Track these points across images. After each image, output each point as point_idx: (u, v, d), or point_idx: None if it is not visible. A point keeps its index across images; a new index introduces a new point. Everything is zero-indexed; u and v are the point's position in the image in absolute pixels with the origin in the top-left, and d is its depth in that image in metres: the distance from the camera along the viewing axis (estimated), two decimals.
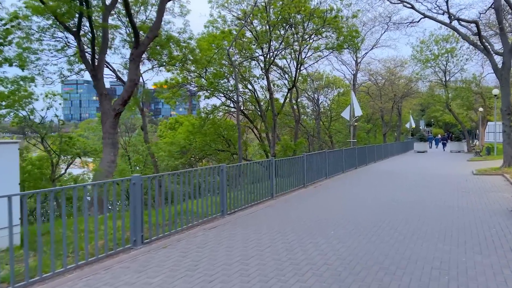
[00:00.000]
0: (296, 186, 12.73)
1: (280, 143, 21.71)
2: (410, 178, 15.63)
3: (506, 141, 16.71)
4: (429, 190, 12.20)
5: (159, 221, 6.77)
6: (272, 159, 10.90)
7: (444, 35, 35.65)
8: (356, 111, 20.73)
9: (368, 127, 50.59)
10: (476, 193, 11.47)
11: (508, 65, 16.43)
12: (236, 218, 8.23)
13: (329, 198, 11.01)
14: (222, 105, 23.99)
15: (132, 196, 6.00)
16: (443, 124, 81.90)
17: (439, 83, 39.83)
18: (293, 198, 11.03)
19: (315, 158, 14.95)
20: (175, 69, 20.34)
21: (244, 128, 24.22)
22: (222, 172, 8.39)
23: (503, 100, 16.82)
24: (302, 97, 38.30)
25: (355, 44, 22.87)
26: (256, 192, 10.15)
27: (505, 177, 14.77)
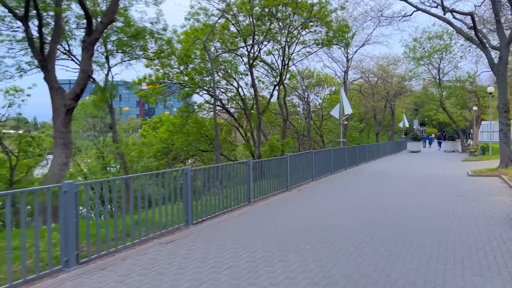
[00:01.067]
0: (278, 189, 11.79)
1: (266, 143, 20.69)
2: (402, 179, 14.74)
3: (503, 140, 15.87)
4: (422, 193, 11.30)
5: (101, 235, 5.75)
6: (249, 160, 9.93)
7: (437, 32, 34.94)
8: (346, 110, 19.82)
9: (361, 126, 49.80)
10: (473, 197, 10.58)
11: (505, 60, 15.60)
12: (202, 229, 7.24)
13: (312, 203, 10.06)
14: (206, 103, 22.96)
15: (62, 206, 4.98)
16: (437, 123, 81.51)
17: (432, 81, 39.11)
18: (273, 203, 10.07)
19: (300, 159, 14.01)
20: (154, 64, 19.30)
21: (230, 127, 23.24)
22: (187, 176, 7.40)
23: (499, 97, 15.99)
24: (292, 96, 37.47)
25: (345, 39, 21.97)
26: (231, 198, 9.19)
27: (502, 179, 13.92)
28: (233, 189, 9.49)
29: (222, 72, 20.51)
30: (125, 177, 6.44)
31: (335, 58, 31.70)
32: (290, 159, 12.64)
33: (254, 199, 10.06)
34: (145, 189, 6.91)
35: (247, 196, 9.82)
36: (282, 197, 10.99)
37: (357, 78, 37.86)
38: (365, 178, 15.75)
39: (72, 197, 5.04)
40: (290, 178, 12.68)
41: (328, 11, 19.12)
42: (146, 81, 19.81)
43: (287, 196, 11.18)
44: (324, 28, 21.29)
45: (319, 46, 22.10)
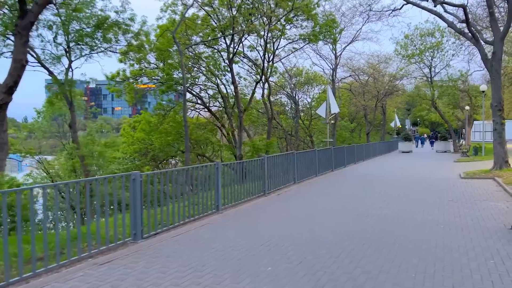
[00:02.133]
0: (254, 194, 10.81)
1: (248, 143, 19.69)
2: (390, 182, 13.84)
3: (497, 141, 15.04)
4: (410, 198, 10.39)
5: (25, 254, 4.71)
6: (218, 163, 8.93)
7: (429, 29, 34.22)
8: (332, 108, 18.93)
9: (352, 126, 49.04)
10: (465, 203, 9.68)
11: (499, 55, 14.77)
12: (151, 244, 6.23)
13: (288, 210, 9.08)
14: (191, 101, 21.86)
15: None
16: (429, 123, 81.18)
17: (424, 80, 38.42)
18: (245, 210, 9.09)
19: (281, 161, 13.05)
20: (128, 58, 18.19)
21: (213, 126, 22.22)
22: (135, 182, 6.38)
23: (493, 95, 15.17)
24: (280, 95, 36.53)
25: (333, 34, 21.04)
26: (197, 205, 8.19)
27: (497, 181, 13.07)
28: (201, 195, 8.53)
29: (202, 68, 19.47)
30: (49, 184, 5.44)
31: (323, 55, 30.75)
32: (268, 161, 11.67)
33: (224, 206, 9.08)
34: (86, 196, 5.90)
35: (216, 203, 8.83)
36: (257, 203, 10.01)
37: (346, 76, 36.97)
38: (351, 181, 14.85)
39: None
40: (268, 182, 11.73)
41: (312, 4, 18.17)
42: (119, 77, 18.72)
43: (263, 202, 10.20)
44: (310, 23, 20.37)
45: (305, 41, 21.15)
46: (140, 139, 21.47)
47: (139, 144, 21.58)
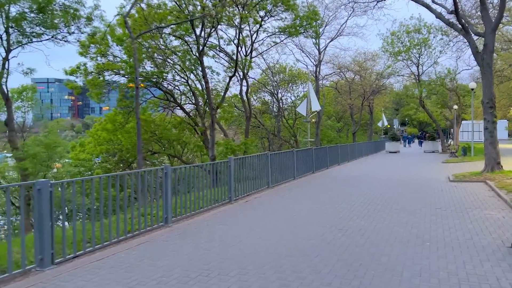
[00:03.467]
0: (217, 202, 9.53)
1: (222, 143, 18.38)
2: (372, 187, 12.65)
3: (488, 141, 13.98)
4: (393, 206, 9.19)
5: None
6: (167, 166, 7.61)
7: (415, 26, 33.33)
8: (313, 106, 17.73)
9: (339, 125, 48.08)
10: (455, 211, 8.52)
11: (490, 47, 13.71)
12: (61, 273, 4.89)
13: (249, 223, 7.80)
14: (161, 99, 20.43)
15: None
16: (418, 123, 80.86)
17: (412, 78, 37.60)
18: (199, 223, 7.78)
19: (252, 162, 11.78)
20: (87, 50, 16.70)
21: (185, 125, 20.86)
22: (40, 194, 5.03)
23: (484, 91, 14.11)
24: (264, 93, 35.33)
25: (314, 27, 19.83)
26: (137, 219, 6.88)
27: (489, 185, 11.98)
28: (150, 204, 7.27)
29: (170, 61, 18.02)
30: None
31: (306, 51, 29.51)
32: (234, 163, 10.39)
33: (176, 218, 7.78)
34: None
35: (164, 214, 7.52)
36: (217, 214, 8.71)
37: (330, 73, 35.79)
38: (330, 185, 13.62)
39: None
40: (236, 187, 10.47)
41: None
42: (80, 71, 17.22)
43: (225, 212, 8.91)
44: (291, 15, 19.14)
45: (285, 34, 19.91)
46: (108, 139, 19.94)
47: (106, 144, 20.07)
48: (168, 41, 17.65)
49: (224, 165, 10.17)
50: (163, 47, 17.55)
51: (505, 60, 24.62)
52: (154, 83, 18.05)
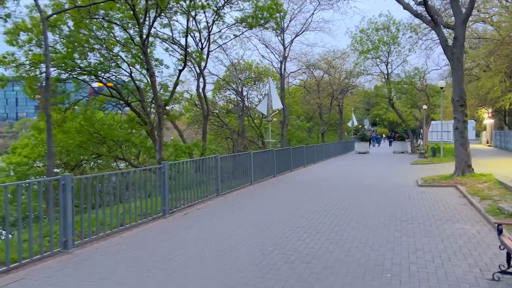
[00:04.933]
0: (149, 215, 8.02)
1: (170, 144, 16.73)
2: (332, 194, 11.39)
3: (459, 142, 13.00)
4: (352, 219, 7.91)
5: None
6: (65, 176, 6.03)
7: (384, 23, 32.68)
8: (274, 104, 16.41)
9: (308, 125, 47.15)
10: (423, 225, 7.32)
11: (461, 40, 12.74)
12: None
13: (175, 245, 6.34)
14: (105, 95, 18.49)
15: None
16: (388, 123, 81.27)
17: (381, 77, 36.99)
18: (111, 247, 6.26)
19: (195, 168, 10.30)
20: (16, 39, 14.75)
21: (135, 124, 19.10)
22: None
23: (454, 87, 13.14)
24: (229, 91, 33.86)
25: (275, 19, 18.49)
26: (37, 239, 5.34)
27: (460, 191, 10.96)
28: (45, 224, 5.72)
29: (109, 52, 16.24)
30: None
31: (270, 46, 28.13)
32: (173, 168, 8.92)
33: (82, 241, 6.24)
34: None
35: (62, 238, 5.94)
36: (140, 233, 7.21)
37: (296, 70, 34.55)
38: (287, 192, 12.26)
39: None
40: (176, 196, 8.99)
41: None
42: (7, 62, 15.20)
43: (152, 230, 7.42)
44: (251, 5, 17.74)
45: (245, 27, 18.50)
46: (45, 140, 17.87)
47: (41, 147, 18.06)
48: (115, 30, 15.89)
49: (159, 171, 8.66)
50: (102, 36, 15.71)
51: (474, 58, 24.10)
52: (95, 75, 16.13)
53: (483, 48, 22.11)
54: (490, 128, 42.82)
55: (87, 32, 15.01)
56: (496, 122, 40.27)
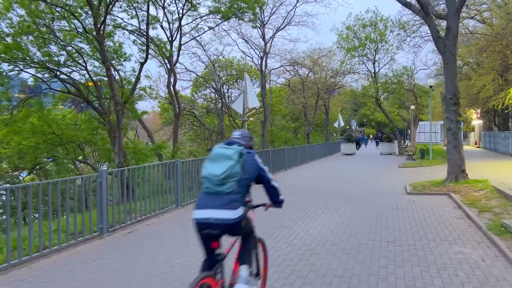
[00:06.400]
0: (80, 236, 6.57)
1: (130, 147, 15.25)
2: (310, 204, 10.03)
3: (451, 144, 11.77)
4: (328, 240, 6.56)
5: None
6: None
7: (371, 20, 31.61)
8: (250, 102, 15.01)
9: (293, 126, 45.88)
10: (414, 248, 6.00)
11: (454, 31, 11.51)
12: None
13: (95, 281, 4.88)
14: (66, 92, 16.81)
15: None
16: (376, 123, 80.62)
17: (368, 76, 35.93)
18: None
19: (142, 175, 8.83)
20: None
21: (97, 124, 17.48)
22: None
23: (446, 84, 11.91)
24: (209, 90, 32.38)
25: (252, 8, 17.08)
26: None
27: (454, 200, 9.70)
28: None
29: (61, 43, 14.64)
30: None
31: (251, 41, 26.68)
32: (113, 175, 7.46)
33: None
34: None
35: None
36: (58, 261, 5.74)
37: (278, 66, 33.13)
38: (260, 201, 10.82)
39: None
40: (117, 211, 7.53)
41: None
42: None
43: (76, 257, 5.94)
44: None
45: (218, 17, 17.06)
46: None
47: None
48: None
49: (88, 180, 7.19)
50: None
51: (464, 56, 23.07)
52: (43, 66, 14.47)
53: (474, 45, 21.05)
54: (479, 129, 42.14)
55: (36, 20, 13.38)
56: (485, 122, 39.57)
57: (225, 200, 3.03)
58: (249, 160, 3.35)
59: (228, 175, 3.06)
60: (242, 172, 3.17)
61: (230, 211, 3.02)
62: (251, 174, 3.35)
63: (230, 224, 3.03)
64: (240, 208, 3.10)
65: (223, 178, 3.04)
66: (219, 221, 3.01)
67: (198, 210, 3.10)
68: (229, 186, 3.06)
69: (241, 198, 3.17)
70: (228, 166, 3.07)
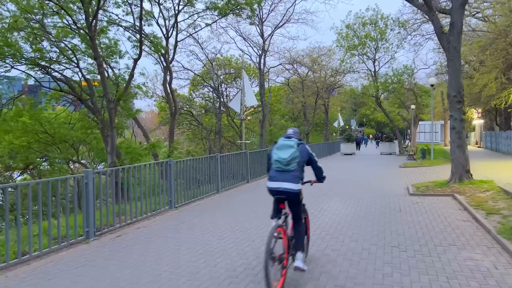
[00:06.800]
0: (67, 240, 6.21)
1: (122, 146, 14.81)
2: (307, 205, 9.63)
3: (455, 143, 11.38)
4: (327, 245, 6.17)
5: None
6: None
7: (371, 18, 31.24)
8: (248, 100, 14.63)
9: (293, 125, 45.45)
10: (420, 254, 5.62)
11: (458, 27, 11.12)
12: None
13: None
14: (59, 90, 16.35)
15: None
16: (375, 123, 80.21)
17: (367, 75, 35.56)
18: None
19: (133, 175, 8.43)
20: None
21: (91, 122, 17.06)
22: None
23: (450, 82, 11.52)
24: (208, 89, 31.96)
25: (250, 4, 16.66)
26: None
27: (459, 202, 9.31)
28: None
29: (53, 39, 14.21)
30: None
31: (249, 38, 26.22)
32: (100, 175, 7.07)
33: None
34: None
35: None
36: (40, 268, 5.35)
37: (277, 64, 32.63)
38: (257, 202, 10.40)
39: None
40: (105, 213, 7.15)
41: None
42: None
43: (58, 265, 5.57)
44: None
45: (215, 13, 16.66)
46: None
47: None
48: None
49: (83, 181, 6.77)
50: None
51: (466, 54, 22.67)
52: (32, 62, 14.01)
53: (476, 43, 20.66)
54: (479, 129, 41.80)
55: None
56: (487, 122, 39.20)
57: (290, 176, 4.34)
58: (302, 148, 4.61)
59: (292, 158, 4.36)
60: (299, 156, 4.46)
61: (294, 184, 4.34)
62: (304, 157, 4.61)
63: (293, 193, 4.37)
64: (299, 183, 4.44)
65: (289, 160, 4.34)
66: (286, 189, 4.34)
67: (271, 182, 4.41)
68: (293, 166, 4.37)
69: (300, 175, 4.50)
70: (291, 152, 4.38)
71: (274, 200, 4.51)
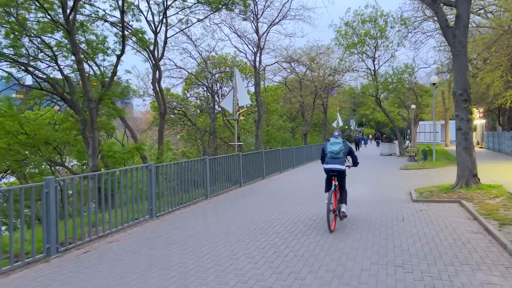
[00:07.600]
0: (19, 260, 5.40)
1: (104, 149, 14.04)
2: (304, 212, 8.86)
3: (462, 145, 10.60)
4: (321, 265, 5.40)
5: None
6: None
7: (371, 15, 30.47)
8: (241, 100, 13.85)
9: (291, 126, 44.67)
10: (430, 275, 4.86)
11: (464, 20, 10.35)
12: None
13: None
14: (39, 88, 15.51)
15: None
16: (375, 123, 79.49)
17: (367, 74, 34.79)
18: None
19: (112, 180, 7.66)
20: None
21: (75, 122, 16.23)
22: None
23: (456, 79, 10.74)
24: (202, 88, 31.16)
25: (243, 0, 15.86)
26: None
27: (467, 209, 8.53)
28: None
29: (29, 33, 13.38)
30: None
31: (244, 35, 25.39)
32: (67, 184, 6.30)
33: None
34: None
35: None
36: None
37: (273, 62, 31.80)
38: (250, 209, 9.61)
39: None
40: (65, 228, 6.38)
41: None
42: None
43: (20, 283, 4.77)
44: None
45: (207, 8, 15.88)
46: None
47: None
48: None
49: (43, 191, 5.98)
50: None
51: (468, 52, 21.89)
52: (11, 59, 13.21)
53: (481, 39, 19.90)
54: (481, 129, 41.07)
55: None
56: (489, 122, 38.47)
57: (339, 161, 7.27)
58: (346, 144, 7.45)
59: (340, 150, 7.27)
60: (344, 149, 7.35)
61: (341, 165, 7.28)
62: (347, 150, 7.42)
63: (341, 170, 7.29)
64: (344, 165, 7.35)
65: (338, 151, 7.25)
66: (337, 169, 7.26)
67: (328, 165, 7.33)
68: (340, 155, 7.27)
69: (344, 161, 7.44)
70: (340, 146, 7.30)
71: (327, 177, 7.38)
